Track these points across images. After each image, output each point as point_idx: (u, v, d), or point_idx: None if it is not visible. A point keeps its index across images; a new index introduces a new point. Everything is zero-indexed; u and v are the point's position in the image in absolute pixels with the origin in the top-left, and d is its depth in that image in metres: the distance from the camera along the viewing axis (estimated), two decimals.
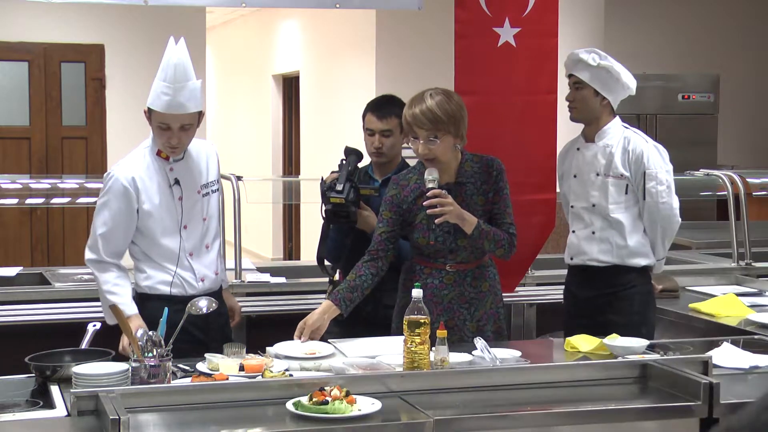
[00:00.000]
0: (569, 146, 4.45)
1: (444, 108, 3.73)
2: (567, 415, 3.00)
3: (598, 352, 3.61)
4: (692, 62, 9.52)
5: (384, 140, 4.18)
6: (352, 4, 5.55)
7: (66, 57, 8.75)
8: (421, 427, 2.83)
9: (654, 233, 4.23)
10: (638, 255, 4.21)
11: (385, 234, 3.86)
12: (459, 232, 3.80)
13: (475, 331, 3.82)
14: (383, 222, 3.88)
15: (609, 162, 4.20)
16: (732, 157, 9.28)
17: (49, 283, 5.00)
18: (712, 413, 3.01)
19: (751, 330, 4.14)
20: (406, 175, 3.93)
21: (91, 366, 3.13)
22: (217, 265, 3.95)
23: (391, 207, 3.87)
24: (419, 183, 3.85)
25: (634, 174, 4.18)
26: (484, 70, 4.86)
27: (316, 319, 3.72)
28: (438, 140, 3.72)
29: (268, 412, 2.91)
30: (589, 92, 4.21)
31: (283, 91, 13.15)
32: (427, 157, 3.75)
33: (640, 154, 4.17)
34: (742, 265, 5.64)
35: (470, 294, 3.85)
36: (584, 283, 4.28)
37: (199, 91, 3.77)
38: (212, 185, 3.96)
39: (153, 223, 3.80)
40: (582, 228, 4.28)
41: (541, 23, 4.90)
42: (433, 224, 3.78)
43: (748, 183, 6.04)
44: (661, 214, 4.18)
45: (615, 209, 4.20)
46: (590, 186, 4.25)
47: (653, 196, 4.16)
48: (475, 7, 4.84)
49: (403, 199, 3.86)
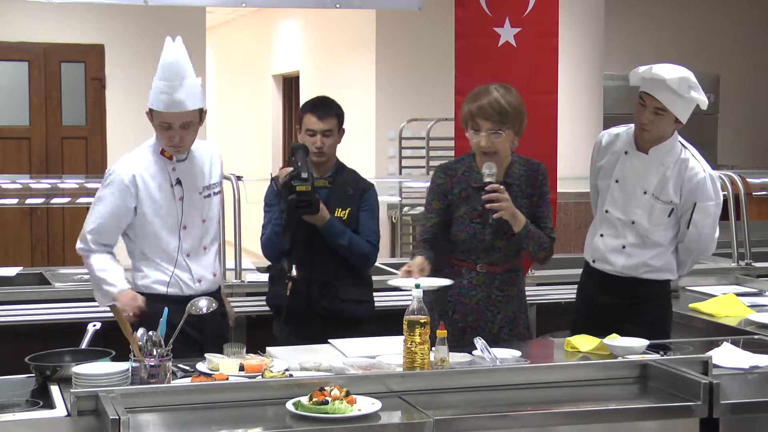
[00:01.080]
0: (612, 140, 4.20)
1: (510, 101, 3.73)
2: (567, 415, 3.00)
3: (598, 352, 3.61)
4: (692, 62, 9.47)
5: (325, 140, 4.25)
6: (352, 4, 5.56)
7: (66, 57, 8.75)
8: (421, 427, 2.83)
9: (686, 257, 4.15)
10: (662, 271, 4.13)
11: (438, 223, 3.85)
12: (498, 233, 3.79)
13: (495, 332, 3.83)
14: (434, 212, 3.86)
15: (662, 186, 4.04)
16: (732, 157, 9.29)
17: (49, 283, 5.00)
18: (712, 413, 3.01)
19: (751, 330, 4.13)
20: (454, 164, 3.91)
21: (91, 366, 3.13)
22: (215, 267, 3.95)
23: (439, 196, 3.86)
24: (467, 175, 3.83)
25: (684, 202, 4.04)
26: (484, 70, 4.85)
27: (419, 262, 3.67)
28: (502, 133, 3.72)
29: (268, 412, 2.91)
30: (670, 119, 3.97)
31: (283, 91, 13.15)
32: (489, 150, 3.73)
33: (696, 185, 4.02)
34: (742, 265, 5.64)
35: (497, 297, 3.85)
36: (603, 289, 4.17)
37: (198, 88, 3.76)
38: (214, 187, 3.96)
39: (152, 221, 3.79)
40: (612, 237, 4.14)
41: (541, 23, 4.91)
42: (473, 220, 3.78)
43: (748, 183, 6.04)
44: (701, 244, 4.09)
45: (655, 231, 4.08)
46: (634, 201, 4.09)
47: (698, 228, 4.05)
48: (476, 6, 4.84)
49: (450, 189, 3.85)
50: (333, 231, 4.14)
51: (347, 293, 4.19)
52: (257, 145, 13.52)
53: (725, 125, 9.36)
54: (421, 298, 3.31)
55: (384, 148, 9.85)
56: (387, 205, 9.46)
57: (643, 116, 3.99)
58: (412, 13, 7.63)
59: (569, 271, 5.44)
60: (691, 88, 3.95)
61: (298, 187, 4.01)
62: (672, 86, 3.91)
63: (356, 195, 4.28)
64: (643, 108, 3.99)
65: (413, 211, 9.38)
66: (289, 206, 4.04)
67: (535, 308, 5.21)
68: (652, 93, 3.95)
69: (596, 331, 3.77)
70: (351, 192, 4.28)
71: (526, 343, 3.88)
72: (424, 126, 9.30)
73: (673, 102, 3.94)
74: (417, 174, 9.40)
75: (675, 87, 3.92)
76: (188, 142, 3.81)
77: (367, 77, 10.06)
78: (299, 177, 4.02)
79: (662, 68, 3.96)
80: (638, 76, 4.02)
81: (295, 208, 4.04)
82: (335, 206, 4.19)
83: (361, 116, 10.19)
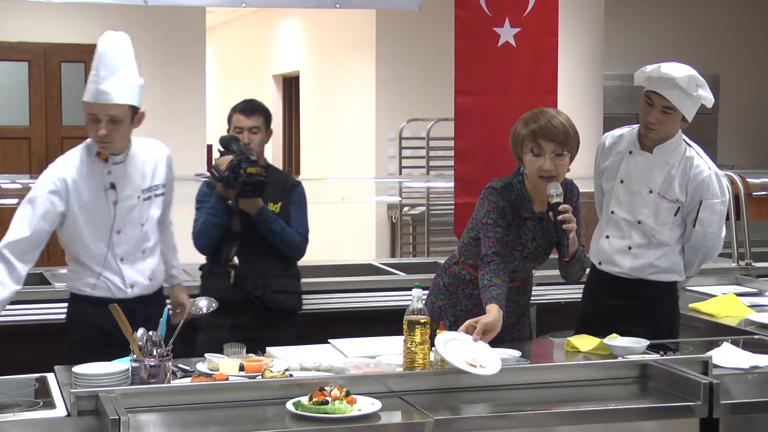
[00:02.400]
0: (616, 141, 4.18)
1: (572, 125, 3.62)
2: (567, 415, 3.00)
3: (598, 352, 3.61)
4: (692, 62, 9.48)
5: (252, 137, 4.35)
6: (352, 4, 5.55)
7: (66, 57, 8.75)
8: (421, 427, 2.83)
9: (693, 257, 4.12)
10: (669, 273, 4.11)
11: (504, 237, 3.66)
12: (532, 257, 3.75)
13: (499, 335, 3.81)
14: (501, 227, 3.66)
15: (667, 184, 4.01)
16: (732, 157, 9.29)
17: (49, 283, 5.00)
18: (712, 413, 3.01)
19: (751, 330, 4.13)
20: (505, 189, 3.72)
21: (91, 366, 3.13)
22: (153, 272, 3.85)
23: (503, 215, 3.67)
24: (517, 204, 3.69)
25: (690, 200, 4.02)
26: (484, 70, 4.86)
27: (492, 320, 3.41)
28: (563, 157, 3.59)
29: (268, 412, 2.91)
30: (677, 117, 3.96)
31: (283, 91, 13.15)
32: (551, 174, 3.59)
33: (701, 182, 4.00)
34: (742, 265, 5.64)
35: (509, 307, 3.76)
36: (610, 291, 4.15)
37: (132, 85, 3.67)
38: (156, 189, 3.84)
39: (80, 225, 3.70)
40: (618, 238, 4.11)
41: (541, 23, 4.91)
42: (515, 248, 3.69)
43: (748, 183, 6.04)
44: (707, 243, 4.06)
45: (661, 230, 4.06)
46: (640, 201, 4.07)
47: (704, 226, 4.02)
48: (475, 7, 4.84)
49: (509, 212, 3.71)
50: (267, 217, 4.27)
51: (280, 284, 4.34)
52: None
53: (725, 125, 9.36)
54: (420, 298, 3.31)
55: (384, 148, 9.85)
56: (387, 205, 9.46)
57: (650, 115, 3.97)
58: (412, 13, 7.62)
59: None
60: (699, 86, 3.95)
61: (249, 168, 4.12)
62: (681, 84, 3.90)
63: (286, 190, 4.42)
64: (650, 107, 3.97)
65: (413, 211, 9.38)
66: (239, 189, 4.13)
67: (535, 308, 5.20)
68: (660, 92, 3.93)
69: (601, 332, 3.75)
70: (281, 188, 4.40)
71: (526, 343, 3.88)
72: (424, 126, 9.30)
73: (681, 100, 3.93)
74: (417, 174, 9.39)
75: (684, 85, 3.91)
76: (116, 139, 3.65)
77: (367, 77, 10.06)
78: (249, 159, 4.15)
79: (671, 67, 3.95)
80: (645, 76, 4.00)
81: (243, 190, 4.13)
82: (267, 201, 4.30)
83: (361, 116, 10.19)
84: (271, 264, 4.34)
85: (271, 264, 4.34)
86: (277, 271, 4.36)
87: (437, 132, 9.06)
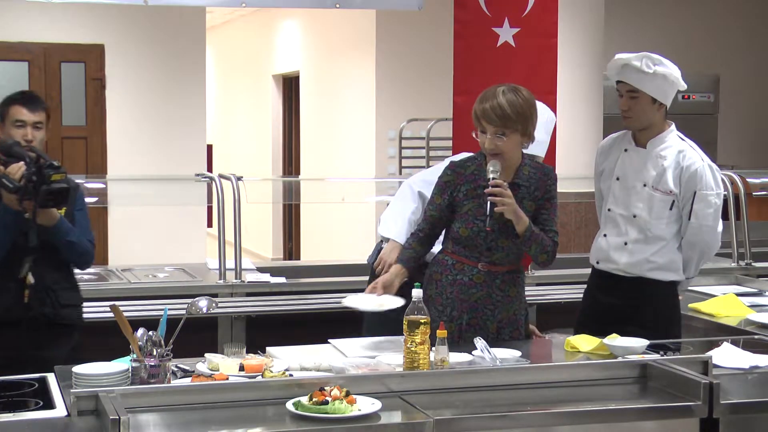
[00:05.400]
0: (613, 143, 4.24)
1: (514, 106, 3.73)
2: (567, 415, 3.00)
3: (598, 352, 3.61)
4: (692, 62, 9.50)
5: (36, 133, 3.99)
6: (352, 4, 5.56)
7: (66, 57, 8.75)
8: (421, 427, 2.83)
9: (691, 254, 4.11)
10: (667, 270, 4.10)
11: (434, 218, 3.89)
12: (502, 232, 3.80)
13: (495, 331, 3.84)
14: (434, 206, 3.89)
15: (660, 175, 4.04)
16: (732, 157, 9.29)
17: None
18: (712, 413, 3.01)
19: (751, 330, 4.14)
20: (465, 162, 3.91)
21: (91, 366, 3.13)
22: None
23: (444, 192, 3.88)
24: (476, 174, 3.84)
25: (684, 192, 4.03)
26: (483, 70, 4.87)
27: (387, 278, 3.84)
28: (505, 137, 3.75)
29: (268, 412, 2.91)
30: (645, 100, 4.02)
31: (283, 91, 13.15)
32: (494, 152, 3.77)
33: (695, 173, 4.02)
34: (742, 265, 5.64)
35: (497, 296, 3.85)
36: (608, 290, 4.16)
37: None
38: None
39: None
40: (615, 235, 4.14)
41: (540, 23, 4.92)
42: (477, 217, 3.79)
43: (748, 183, 6.04)
44: (704, 237, 4.06)
45: (657, 224, 4.06)
46: (634, 195, 4.09)
47: (699, 218, 4.03)
48: (475, 7, 4.85)
49: (457, 186, 3.86)
50: (65, 227, 3.92)
51: (68, 298, 4.01)
52: (257, 145, 13.52)
53: (725, 125, 9.36)
54: (420, 299, 3.31)
55: (384, 148, 9.85)
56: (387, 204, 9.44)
57: (621, 104, 4.08)
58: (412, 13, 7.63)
59: (569, 271, 5.45)
60: (654, 63, 4.01)
61: (54, 176, 3.72)
62: (636, 65, 4.00)
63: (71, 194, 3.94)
64: (620, 98, 4.08)
65: None
66: (42, 200, 3.72)
67: (535, 308, 5.21)
68: (621, 78, 4.05)
69: (600, 333, 3.75)
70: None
71: (526, 343, 3.88)
72: (424, 126, 9.31)
73: (641, 81, 4.01)
74: None
75: (638, 65, 3.99)
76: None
77: (367, 77, 10.06)
78: (53, 166, 3.74)
79: (625, 54, 4.06)
80: (609, 71, 4.13)
81: (47, 200, 3.73)
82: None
83: (361, 116, 10.19)
84: (61, 277, 3.99)
85: (60, 277, 3.99)
86: (65, 284, 4.01)
87: (437, 132, 9.06)
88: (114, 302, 3.62)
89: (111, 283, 5.08)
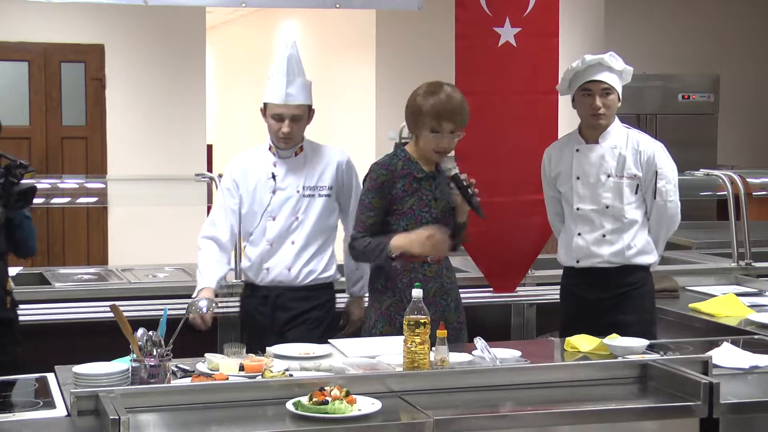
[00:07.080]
0: (562, 146, 4.37)
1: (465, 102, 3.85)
2: (567, 415, 3.00)
3: (598, 352, 3.61)
4: (692, 62, 9.51)
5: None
6: (352, 4, 5.56)
7: (66, 57, 8.74)
8: (421, 427, 2.83)
9: (658, 231, 4.27)
10: (645, 253, 4.24)
11: (376, 223, 3.90)
12: (441, 220, 3.88)
13: (453, 322, 3.89)
14: (374, 210, 3.89)
15: (621, 163, 4.20)
16: (732, 157, 9.28)
17: (49, 283, 5.00)
18: (712, 413, 3.01)
19: (751, 330, 4.14)
20: (390, 161, 3.94)
21: (91, 366, 3.13)
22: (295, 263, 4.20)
23: (381, 194, 3.89)
24: (407, 168, 3.88)
25: (645, 174, 4.20)
26: (484, 70, 4.87)
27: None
28: (461, 134, 3.82)
29: (268, 412, 2.91)
30: (615, 97, 4.20)
31: None
32: (447, 152, 3.84)
33: (652, 154, 4.21)
34: (742, 265, 5.63)
35: (447, 284, 3.95)
36: (592, 285, 4.25)
37: (308, 87, 4.22)
38: (321, 189, 4.17)
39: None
40: (590, 231, 4.24)
41: (541, 23, 4.91)
42: (421, 210, 3.84)
43: (748, 183, 6.03)
44: (668, 213, 4.24)
45: (629, 209, 4.21)
46: (601, 188, 4.22)
47: (663, 195, 4.20)
48: (476, 6, 4.85)
49: (392, 184, 3.87)
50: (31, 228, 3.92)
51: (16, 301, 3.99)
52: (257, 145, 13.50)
53: (725, 125, 9.34)
54: (420, 299, 3.31)
55: (384, 148, 9.83)
56: None
57: (595, 103, 4.15)
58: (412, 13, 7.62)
59: None
60: (617, 59, 4.18)
61: (26, 174, 3.69)
62: (609, 64, 4.14)
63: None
64: (589, 97, 4.16)
65: None
66: (13, 201, 3.67)
67: (535, 308, 5.21)
68: (596, 77, 4.13)
69: (588, 329, 3.82)
70: None
71: (526, 342, 3.89)
72: None
73: (613, 79, 4.16)
74: None
75: (611, 64, 4.14)
76: (296, 135, 4.25)
77: (367, 77, 10.06)
78: (22, 165, 3.69)
79: (592, 56, 4.19)
80: (568, 78, 4.22)
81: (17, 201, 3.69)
82: None
83: (361, 116, 10.19)
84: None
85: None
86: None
87: None
88: (114, 302, 3.63)
89: (111, 283, 5.08)
